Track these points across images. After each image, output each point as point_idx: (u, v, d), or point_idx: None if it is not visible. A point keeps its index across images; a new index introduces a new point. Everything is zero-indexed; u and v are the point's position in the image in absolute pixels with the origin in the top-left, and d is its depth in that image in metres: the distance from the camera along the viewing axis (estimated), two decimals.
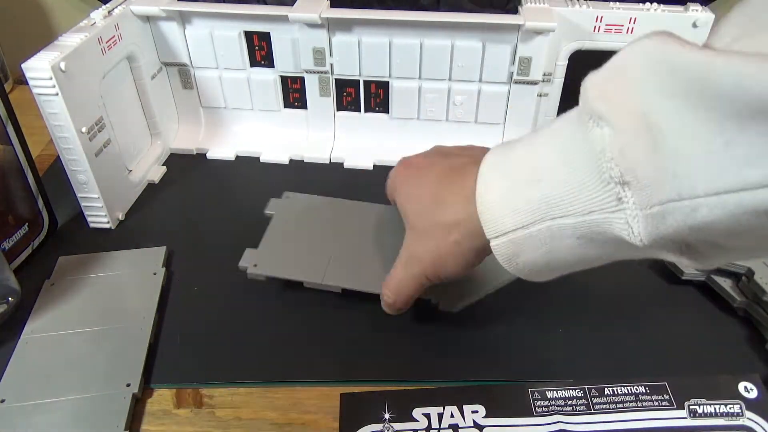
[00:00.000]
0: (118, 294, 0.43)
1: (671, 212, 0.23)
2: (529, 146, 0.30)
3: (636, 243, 0.25)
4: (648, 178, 0.24)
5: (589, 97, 0.25)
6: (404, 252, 0.37)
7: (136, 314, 0.41)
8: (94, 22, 0.48)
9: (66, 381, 0.37)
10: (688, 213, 0.23)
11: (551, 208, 0.27)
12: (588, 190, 0.26)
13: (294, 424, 0.36)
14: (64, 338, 0.40)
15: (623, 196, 0.25)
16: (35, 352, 0.39)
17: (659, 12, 0.50)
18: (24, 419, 0.35)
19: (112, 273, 0.45)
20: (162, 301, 0.43)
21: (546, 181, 0.27)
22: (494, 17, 0.50)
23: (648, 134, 0.23)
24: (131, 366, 0.38)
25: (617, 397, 0.36)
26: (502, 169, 0.30)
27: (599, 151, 0.25)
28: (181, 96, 0.60)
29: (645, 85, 0.24)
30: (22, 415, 0.35)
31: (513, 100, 0.55)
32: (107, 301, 0.43)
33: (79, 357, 0.39)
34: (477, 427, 0.34)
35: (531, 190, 0.28)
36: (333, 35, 0.53)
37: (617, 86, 0.25)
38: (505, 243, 0.30)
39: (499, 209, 0.29)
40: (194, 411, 0.37)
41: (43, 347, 0.39)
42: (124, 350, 0.39)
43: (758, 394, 0.35)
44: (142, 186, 0.55)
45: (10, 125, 0.43)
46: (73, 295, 0.43)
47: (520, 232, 0.29)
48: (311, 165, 0.59)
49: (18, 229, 0.45)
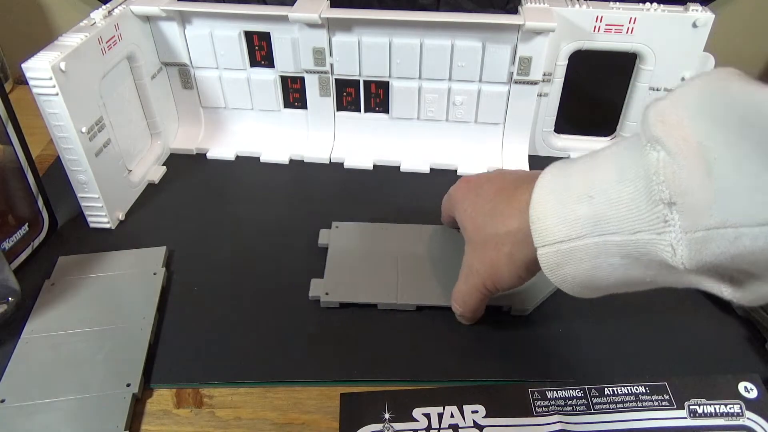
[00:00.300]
0: (118, 294, 0.43)
1: (714, 239, 0.24)
2: (587, 164, 0.30)
3: (678, 266, 0.26)
4: (695, 203, 0.25)
5: (650, 122, 0.26)
6: (465, 265, 0.38)
7: (136, 314, 0.41)
8: (94, 22, 0.48)
9: (66, 381, 0.37)
10: (732, 241, 0.24)
11: (600, 225, 0.28)
12: (637, 210, 0.27)
13: (294, 424, 0.36)
14: (63, 338, 0.40)
15: (670, 219, 0.26)
16: (35, 352, 0.39)
17: (659, 12, 0.50)
18: (24, 419, 0.35)
19: (113, 273, 0.45)
20: (162, 301, 0.43)
21: (598, 197, 0.28)
22: (494, 17, 0.50)
23: (700, 161, 0.25)
24: (131, 366, 0.38)
25: (617, 397, 0.36)
26: (558, 183, 0.31)
27: (652, 173, 0.26)
28: (181, 96, 0.60)
29: (702, 114, 0.25)
30: (22, 415, 0.35)
31: (513, 100, 0.55)
32: (107, 301, 0.43)
33: (79, 357, 0.39)
34: (477, 427, 0.34)
35: (582, 205, 0.29)
36: (333, 35, 0.53)
37: (677, 114, 0.26)
38: (551, 253, 0.30)
39: (549, 220, 0.30)
40: (194, 411, 0.37)
41: (43, 347, 0.39)
42: (124, 350, 0.39)
43: (758, 394, 0.35)
44: (142, 186, 0.55)
45: (10, 125, 0.43)
46: (73, 295, 0.43)
47: (566, 244, 0.30)
48: (311, 165, 0.59)
49: (18, 229, 0.45)
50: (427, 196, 0.54)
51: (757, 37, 0.76)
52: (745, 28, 0.75)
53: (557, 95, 0.56)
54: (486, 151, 0.58)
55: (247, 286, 0.45)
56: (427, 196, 0.54)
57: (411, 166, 0.58)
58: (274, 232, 0.50)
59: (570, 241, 0.29)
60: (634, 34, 0.51)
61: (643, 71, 0.53)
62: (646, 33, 0.51)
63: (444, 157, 0.58)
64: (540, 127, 0.58)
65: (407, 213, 0.52)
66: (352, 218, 0.50)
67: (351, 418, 0.35)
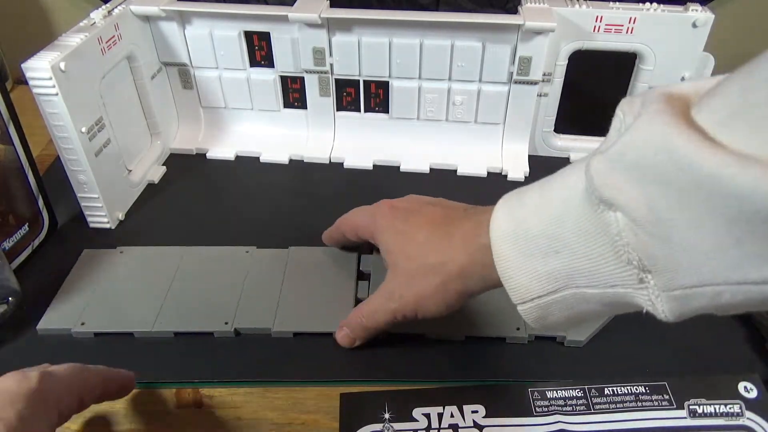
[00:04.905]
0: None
1: (695, 296, 0.24)
2: (540, 214, 0.29)
3: (661, 318, 0.25)
4: (666, 266, 0.24)
5: (595, 185, 0.25)
6: (385, 287, 0.38)
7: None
8: (93, 22, 0.48)
9: None
10: (712, 297, 0.23)
11: (574, 278, 0.28)
12: (608, 266, 0.26)
13: (294, 424, 0.36)
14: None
15: (645, 279, 0.25)
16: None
17: (659, 12, 0.50)
18: None
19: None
20: None
21: (565, 253, 0.27)
22: (494, 17, 0.50)
23: (658, 225, 0.23)
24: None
25: (617, 397, 0.36)
26: (516, 232, 0.30)
27: (614, 234, 0.25)
28: (181, 96, 0.60)
29: (646, 177, 0.23)
30: None
31: (513, 100, 0.55)
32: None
33: None
34: (477, 427, 0.34)
35: (551, 260, 0.28)
36: (333, 35, 0.53)
37: (622, 176, 0.24)
38: (532, 308, 0.30)
39: (521, 277, 0.29)
40: (194, 411, 0.37)
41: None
42: None
43: (758, 394, 0.35)
44: (142, 186, 0.55)
45: (11, 125, 0.43)
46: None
47: (545, 298, 0.29)
48: (311, 165, 0.59)
49: (18, 229, 0.45)
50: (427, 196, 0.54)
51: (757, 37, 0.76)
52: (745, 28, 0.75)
53: (557, 95, 0.56)
54: (486, 151, 0.58)
55: None
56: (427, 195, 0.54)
57: (411, 166, 0.58)
58: (274, 232, 0.50)
59: (547, 295, 0.29)
60: (633, 34, 0.51)
61: (643, 71, 0.53)
62: (645, 33, 0.51)
63: (444, 157, 0.58)
64: (540, 127, 0.58)
65: None
66: None
67: (351, 418, 0.35)
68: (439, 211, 0.38)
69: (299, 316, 0.41)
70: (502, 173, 0.57)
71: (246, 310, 0.42)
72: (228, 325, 0.41)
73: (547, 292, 0.29)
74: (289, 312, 0.41)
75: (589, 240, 0.26)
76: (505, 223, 0.30)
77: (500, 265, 0.30)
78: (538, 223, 0.28)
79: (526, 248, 0.29)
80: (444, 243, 0.35)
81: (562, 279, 0.28)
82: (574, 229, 0.27)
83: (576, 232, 0.27)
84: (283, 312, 0.41)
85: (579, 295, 0.28)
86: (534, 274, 0.29)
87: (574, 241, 0.27)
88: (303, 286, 0.43)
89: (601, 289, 0.27)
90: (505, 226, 0.30)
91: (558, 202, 0.28)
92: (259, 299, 0.42)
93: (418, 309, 0.36)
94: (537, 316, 0.30)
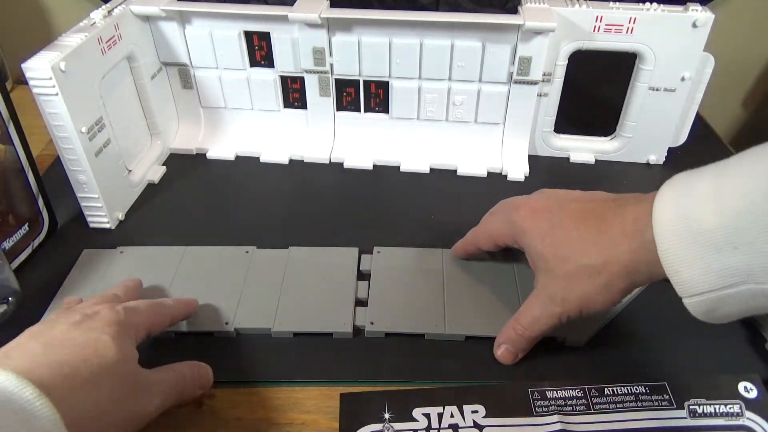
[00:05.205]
0: None
1: None
2: (716, 207, 0.28)
3: None
4: None
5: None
6: (542, 292, 0.37)
7: None
8: (93, 22, 0.48)
9: None
10: None
11: (753, 274, 0.27)
12: None
13: (294, 424, 0.36)
14: None
15: None
16: None
17: (659, 12, 0.50)
18: None
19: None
20: None
21: (744, 249, 0.27)
22: (494, 17, 0.50)
23: None
24: None
25: (617, 397, 0.36)
26: (685, 230, 0.28)
27: None
28: (181, 96, 0.60)
29: None
30: None
31: (513, 100, 0.55)
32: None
33: None
34: (477, 427, 0.34)
35: (726, 256, 0.27)
36: (333, 35, 0.53)
37: None
38: (701, 301, 0.29)
39: (691, 272, 0.29)
40: (194, 411, 0.37)
41: None
42: None
43: (758, 394, 0.35)
44: (142, 186, 0.55)
45: (11, 125, 0.43)
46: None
47: (717, 293, 0.28)
48: (311, 165, 0.59)
49: (18, 229, 0.45)
50: (427, 196, 0.54)
51: (757, 37, 0.76)
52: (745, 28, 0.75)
53: (557, 95, 0.56)
54: (486, 151, 0.58)
55: None
56: (427, 196, 0.55)
57: (411, 166, 0.58)
58: (274, 232, 0.50)
59: (720, 290, 0.28)
60: (633, 34, 0.51)
61: (642, 71, 0.53)
62: (645, 33, 0.51)
63: (444, 157, 0.58)
64: (540, 127, 0.58)
65: (407, 213, 0.52)
66: (352, 218, 0.51)
67: (351, 418, 0.35)
68: (583, 206, 0.36)
69: (299, 316, 0.41)
70: (502, 173, 0.57)
71: (246, 310, 0.42)
72: (228, 325, 0.41)
73: (719, 287, 0.28)
74: (289, 312, 0.41)
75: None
76: (671, 215, 0.29)
77: (666, 260, 0.29)
78: (714, 217, 0.27)
79: (697, 242, 0.28)
80: (601, 240, 0.34)
81: (738, 275, 0.27)
82: (762, 226, 0.26)
83: (764, 229, 0.26)
84: (283, 312, 0.41)
85: (757, 291, 0.27)
86: (705, 269, 0.28)
87: (758, 238, 0.26)
88: (303, 286, 0.43)
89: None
90: (671, 219, 0.29)
91: (740, 196, 0.27)
92: (259, 299, 0.42)
93: (583, 309, 0.35)
94: (706, 309, 0.29)
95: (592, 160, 0.59)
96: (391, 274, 0.44)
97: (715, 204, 0.28)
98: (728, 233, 0.27)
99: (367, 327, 0.41)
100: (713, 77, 0.52)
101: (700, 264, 0.28)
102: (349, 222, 0.51)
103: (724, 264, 0.27)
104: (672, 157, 0.58)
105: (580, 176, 0.58)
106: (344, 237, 0.48)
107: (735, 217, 0.27)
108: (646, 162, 0.59)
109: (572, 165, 0.59)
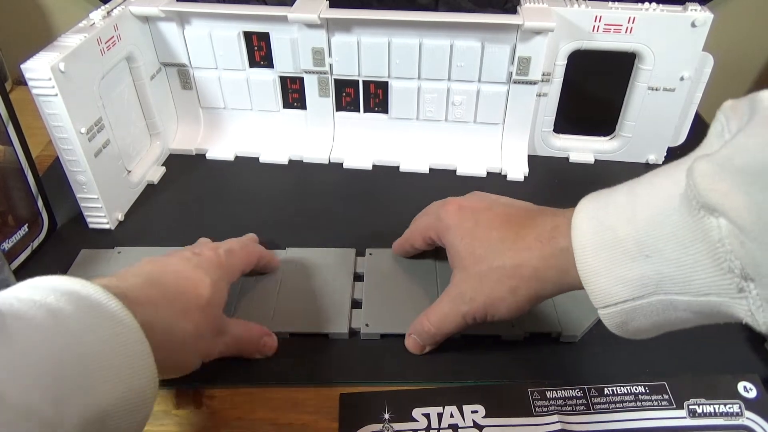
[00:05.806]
0: None
1: None
2: (629, 218, 0.28)
3: (761, 330, 0.25)
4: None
5: (699, 189, 0.24)
6: (454, 289, 0.37)
7: None
8: (93, 23, 0.48)
9: None
10: None
11: (663, 284, 0.27)
12: (704, 274, 0.25)
13: (294, 425, 0.36)
14: None
15: (745, 287, 0.24)
16: None
17: (658, 12, 0.50)
18: None
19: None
20: None
21: (655, 258, 0.27)
22: (493, 17, 0.50)
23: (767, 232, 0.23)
24: None
25: (617, 397, 0.36)
26: (601, 236, 0.29)
27: (716, 241, 0.24)
28: (181, 96, 0.60)
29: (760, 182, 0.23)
30: None
31: (512, 100, 0.55)
32: None
33: None
34: (477, 427, 0.34)
35: (639, 265, 0.27)
36: (332, 35, 0.53)
37: (729, 181, 0.24)
38: (615, 312, 0.29)
39: (605, 281, 0.29)
40: (194, 411, 0.37)
41: None
42: None
43: (757, 394, 0.35)
44: (142, 186, 0.55)
45: (11, 126, 0.44)
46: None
47: (630, 303, 0.28)
48: (310, 165, 0.59)
49: (18, 230, 0.45)
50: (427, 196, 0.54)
51: (756, 37, 0.76)
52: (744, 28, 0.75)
53: (556, 95, 0.56)
54: (485, 151, 0.58)
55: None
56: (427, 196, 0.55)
57: (410, 166, 0.58)
58: (272, 232, 0.50)
59: (632, 300, 0.28)
60: (632, 33, 0.51)
61: (642, 71, 0.53)
62: (644, 33, 0.51)
63: (443, 157, 0.58)
64: (539, 127, 0.58)
65: (407, 213, 0.52)
66: (351, 218, 0.51)
67: (351, 419, 0.35)
68: (509, 210, 0.37)
69: (297, 317, 0.41)
70: (502, 173, 0.57)
71: (244, 311, 0.42)
72: None
73: (632, 297, 0.28)
74: (286, 312, 0.41)
75: (685, 246, 0.25)
76: (588, 226, 0.30)
77: (582, 269, 0.30)
78: (627, 228, 0.28)
79: (612, 252, 0.28)
80: (517, 245, 0.34)
81: (650, 285, 0.27)
82: (668, 234, 0.26)
83: (670, 237, 0.26)
84: (280, 312, 0.41)
85: (667, 302, 0.27)
86: (619, 278, 0.28)
87: (667, 246, 0.26)
88: (300, 287, 0.43)
89: (692, 297, 0.26)
90: (588, 230, 0.29)
91: (650, 207, 0.27)
92: (257, 300, 0.42)
93: (488, 311, 0.35)
94: (620, 321, 0.29)
95: (592, 160, 0.59)
96: (385, 276, 0.44)
97: (628, 214, 0.28)
98: (640, 243, 0.27)
99: (362, 329, 0.41)
100: (712, 77, 0.53)
101: (615, 273, 0.28)
102: (349, 222, 0.51)
103: (637, 273, 0.27)
104: (671, 157, 0.58)
105: (579, 176, 0.58)
106: (343, 237, 0.48)
107: (646, 225, 0.27)
108: (646, 162, 0.59)
109: (572, 165, 0.59)
